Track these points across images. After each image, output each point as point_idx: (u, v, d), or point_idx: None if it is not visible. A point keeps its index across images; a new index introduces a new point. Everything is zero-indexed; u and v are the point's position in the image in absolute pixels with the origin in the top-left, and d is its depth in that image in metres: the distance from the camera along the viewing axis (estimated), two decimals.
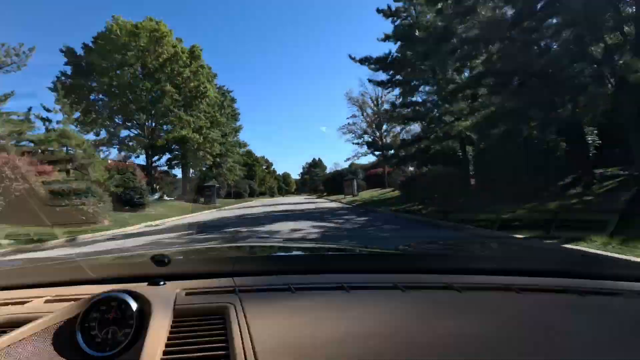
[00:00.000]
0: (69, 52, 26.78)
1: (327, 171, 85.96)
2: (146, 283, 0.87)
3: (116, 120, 28.93)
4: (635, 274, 0.94)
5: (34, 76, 48.76)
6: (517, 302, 0.76)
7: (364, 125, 38.86)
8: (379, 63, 18.84)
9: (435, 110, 16.52)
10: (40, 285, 0.97)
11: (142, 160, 30.00)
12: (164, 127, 30.32)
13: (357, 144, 37.82)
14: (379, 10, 18.18)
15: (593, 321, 0.66)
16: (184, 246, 6.72)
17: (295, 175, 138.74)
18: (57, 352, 0.62)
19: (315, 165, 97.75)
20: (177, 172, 35.77)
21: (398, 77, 19.26)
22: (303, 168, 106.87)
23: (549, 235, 5.55)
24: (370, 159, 40.49)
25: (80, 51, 26.84)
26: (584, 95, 8.90)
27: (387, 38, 18.07)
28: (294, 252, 1.62)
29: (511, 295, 0.80)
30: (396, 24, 18.21)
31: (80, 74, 26.26)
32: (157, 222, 14.60)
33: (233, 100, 44.86)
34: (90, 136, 26.60)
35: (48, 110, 19.46)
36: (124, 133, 29.79)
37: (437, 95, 16.60)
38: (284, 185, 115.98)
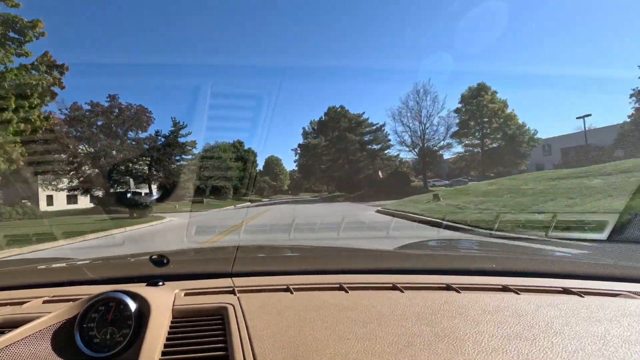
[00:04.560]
0: None
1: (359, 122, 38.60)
2: (145, 283, 0.87)
3: None
4: (633, 274, 0.95)
5: None
6: (516, 302, 0.76)
7: None
8: None
9: None
10: (39, 286, 0.97)
11: None
12: None
13: None
14: None
15: (593, 322, 0.66)
16: (182, 247, 6.71)
17: (288, 163, 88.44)
18: (55, 352, 0.62)
19: (336, 117, 42.52)
20: None
21: None
22: (305, 133, 50.93)
23: None
24: None
25: None
26: None
27: None
28: (293, 253, 1.61)
29: (511, 296, 0.80)
30: None
31: None
32: None
33: None
34: None
35: None
36: None
37: None
38: (268, 180, 65.36)
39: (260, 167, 66.65)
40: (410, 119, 35.03)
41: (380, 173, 39.37)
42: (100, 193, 29.56)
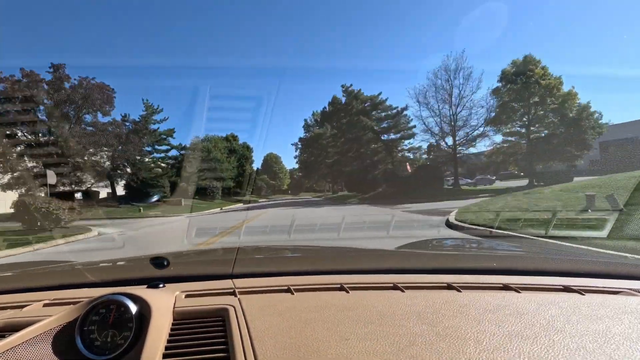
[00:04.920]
0: None
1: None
2: (145, 286, 0.87)
3: None
4: (634, 272, 0.95)
5: None
6: (517, 301, 0.76)
7: None
8: None
9: None
10: (39, 289, 0.97)
11: None
12: None
13: None
14: None
15: (594, 320, 0.66)
16: (183, 248, 6.72)
17: (287, 162, 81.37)
18: (56, 355, 0.62)
19: (340, 105, 35.98)
20: None
21: None
22: (307, 125, 46.13)
23: None
24: None
25: None
26: None
27: None
28: (294, 254, 1.61)
29: (511, 294, 0.80)
30: None
31: None
32: None
33: None
34: None
35: None
36: None
37: None
38: (267, 179, 59.84)
39: (258, 165, 60.61)
40: (438, 102, 28.03)
41: (408, 166, 31.93)
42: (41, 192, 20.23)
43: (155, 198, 27.03)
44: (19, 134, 21.68)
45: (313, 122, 47.01)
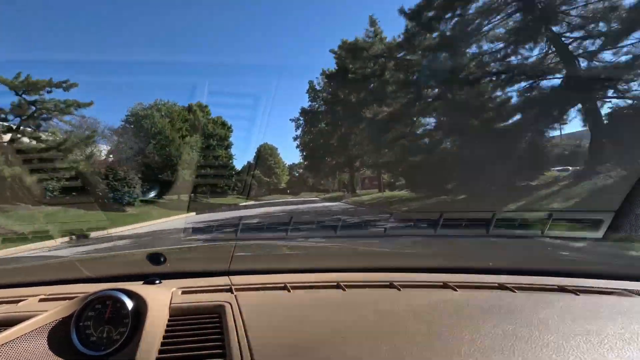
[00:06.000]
0: None
1: None
2: (142, 282, 0.87)
3: None
4: (628, 272, 0.95)
5: None
6: (513, 300, 0.77)
7: None
8: None
9: None
10: (35, 284, 0.97)
11: None
12: None
13: None
14: None
15: (588, 320, 0.67)
16: (180, 244, 6.71)
17: (286, 156, 75.83)
18: (51, 351, 0.62)
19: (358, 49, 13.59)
20: None
21: None
22: (313, 90, 34.25)
23: None
24: None
25: None
26: None
27: None
28: (290, 251, 1.62)
29: (507, 294, 0.81)
30: None
31: None
32: None
33: None
34: None
35: None
36: None
37: None
38: (260, 175, 50.80)
39: (250, 159, 48.64)
40: None
41: None
42: None
43: None
44: None
45: (322, 86, 33.13)
